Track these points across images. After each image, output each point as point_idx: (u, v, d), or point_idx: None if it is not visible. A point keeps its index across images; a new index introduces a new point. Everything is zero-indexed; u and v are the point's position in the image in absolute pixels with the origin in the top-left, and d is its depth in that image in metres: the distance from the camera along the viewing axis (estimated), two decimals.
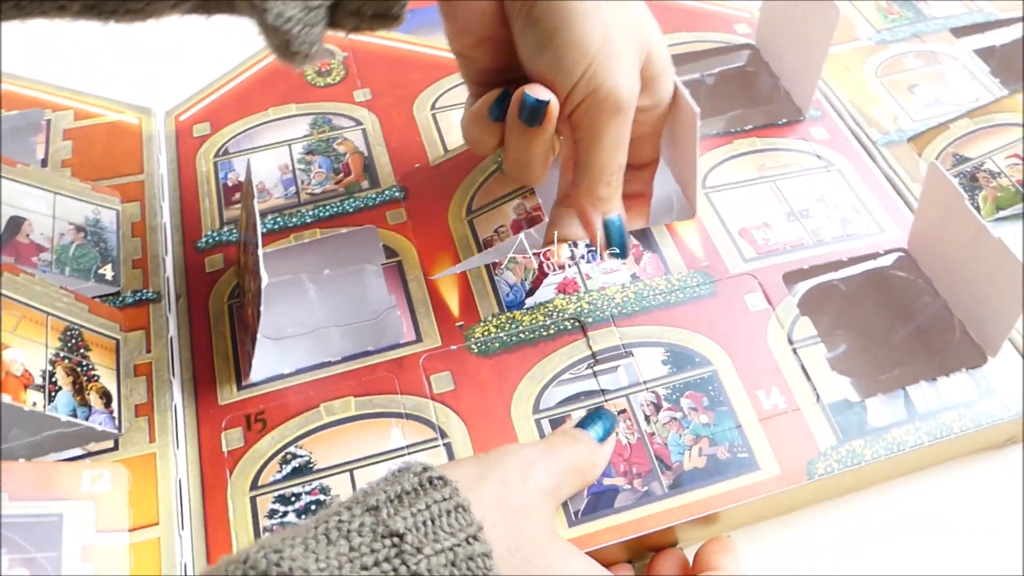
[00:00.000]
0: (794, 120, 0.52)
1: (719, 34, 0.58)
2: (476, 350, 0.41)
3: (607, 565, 0.35)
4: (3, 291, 0.36)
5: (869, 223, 0.47)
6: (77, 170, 0.48)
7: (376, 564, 0.24)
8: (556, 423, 0.39)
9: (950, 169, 0.50)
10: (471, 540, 0.26)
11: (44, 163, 0.48)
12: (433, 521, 0.26)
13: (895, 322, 0.45)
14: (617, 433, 0.38)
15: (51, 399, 0.36)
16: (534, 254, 0.44)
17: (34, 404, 0.35)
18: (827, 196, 0.48)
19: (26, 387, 0.35)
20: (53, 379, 0.36)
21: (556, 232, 0.43)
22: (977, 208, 0.47)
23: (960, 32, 0.58)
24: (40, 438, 0.39)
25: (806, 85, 0.52)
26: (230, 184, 0.48)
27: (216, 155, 0.50)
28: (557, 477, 0.33)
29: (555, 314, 0.43)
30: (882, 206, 0.48)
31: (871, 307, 0.46)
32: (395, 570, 0.25)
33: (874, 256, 0.46)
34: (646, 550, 0.38)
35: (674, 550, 0.38)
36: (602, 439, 0.37)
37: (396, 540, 0.25)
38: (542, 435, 0.39)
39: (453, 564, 0.25)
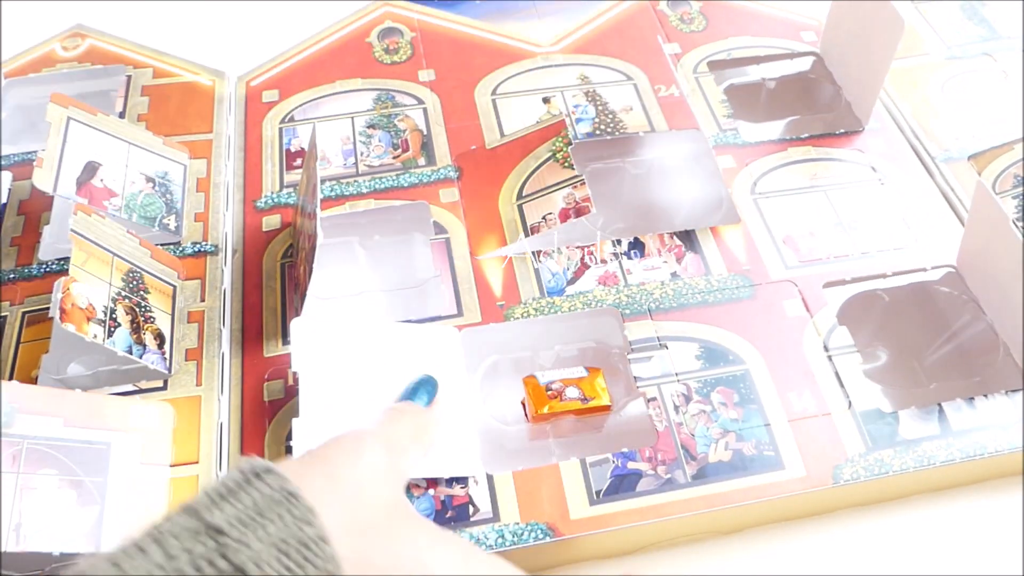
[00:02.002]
0: (853, 131, 0.52)
1: (785, 40, 0.57)
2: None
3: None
4: (76, 228, 0.38)
5: (919, 238, 0.47)
6: (151, 125, 0.50)
7: (193, 564, 0.22)
8: None
9: (1011, 190, 0.49)
10: (302, 526, 0.24)
11: (122, 116, 0.51)
12: (261, 514, 0.24)
13: (937, 337, 0.45)
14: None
15: (110, 334, 0.38)
16: (578, 247, 0.45)
17: (95, 336, 0.37)
18: (878, 209, 0.48)
19: (89, 320, 0.37)
20: (114, 315, 0.38)
21: None
22: None
23: None
24: (97, 372, 0.41)
25: (868, 95, 0.51)
26: (292, 150, 0.50)
27: (282, 121, 0.52)
28: (392, 450, 0.31)
29: (594, 304, 0.43)
30: (934, 223, 0.47)
31: (914, 320, 0.45)
32: (214, 566, 0.22)
33: (921, 270, 0.46)
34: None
35: None
36: (428, 404, 0.36)
37: (216, 535, 0.23)
38: None
39: (285, 553, 0.23)
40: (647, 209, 0.49)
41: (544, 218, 0.45)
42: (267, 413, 0.40)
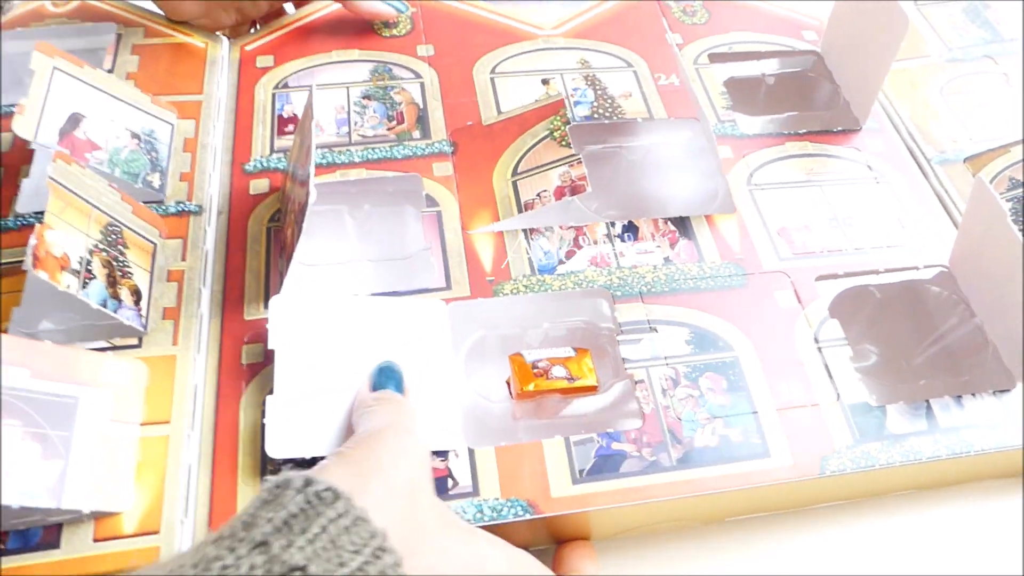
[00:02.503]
0: (850, 129, 0.52)
1: (786, 38, 0.57)
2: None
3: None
4: (53, 176, 0.37)
5: (912, 237, 0.46)
6: (140, 83, 0.49)
7: None
8: None
9: (1004, 193, 0.49)
10: (378, 553, 0.23)
11: (110, 73, 0.50)
12: (334, 543, 0.23)
13: (926, 336, 0.45)
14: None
15: (84, 285, 0.37)
16: (572, 226, 0.44)
17: (68, 287, 0.36)
18: (873, 207, 0.48)
19: (63, 269, 0.36)
20: (89, 267, 0.37)
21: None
22: None
23: None
24: (69, 327, 0.40)
25: (867, 94, 0.51)
26: (285, 116, 0.49)
27: (276, 87, 0.51)
28: (421, 445, 0.30)
29: (584, 284, 0.43)
30: (928, 223, 0.47)
31: (904, 318, 0.45)
32: None
33: (913, 268, 0.45)
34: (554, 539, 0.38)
35: (583, 542, 0.38)
36: (402, 392, 0.35)
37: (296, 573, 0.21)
38: None
39: None
40: (643, 195, 0.48)
41: (539, 195, 0.44)
42: (244, 376, 0.39)
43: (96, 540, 0.34)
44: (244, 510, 0.24)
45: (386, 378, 0.35)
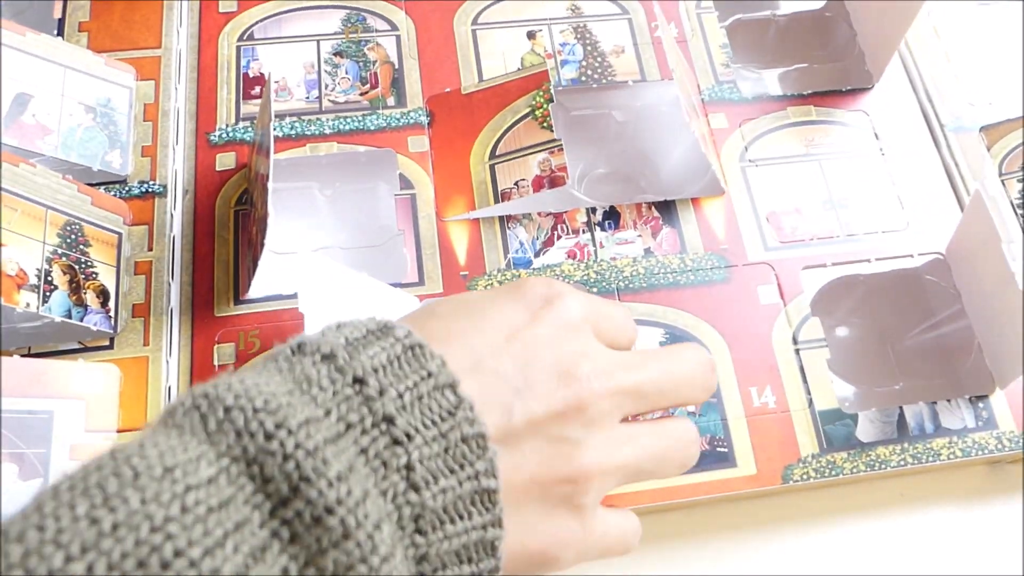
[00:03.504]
0: (861, 88, 0.48)
1: None
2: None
3: None
4: (1, 184, 0.35)
5: (911, 220, 0.44)
6: (93, 37, 0.46)
7: (349, 412, 0.22)
8: None
9: (1018, 171, 0.46)
10: (434, 374, 0.24)
11: (60, 25, 0.46)
12: (392, 363, 0.23)
13: (915, 325, 0.44)
14: None
15: (45, 299, 0.36)
16: (551, 213, 0.42)
17: (27, 305, 0.35)
18: (873, 184, 0.45)
19: (20, 287, 0.35)
20: (49, 278, 0.36)
21: None
22: None
23: None
24: (40, 326, 0.39)
25: (886, 47, 0.47)
26: (251, 75, 0.46)
27: (240, 39, 0.47)
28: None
29: (561, 279, 0.41)
30: (932, 201, 0.45)
31: (893, 305, 0.44)
32: (363, 419, 0.22)
33: (907, 257, 0.44)
34: None
35: None
36: None
37: (359, 386, 0.22)
38: None
39: (421, 402, 0.23)
40: (628, 165, 0.45)
41: (516, 184, 0.42)
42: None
43: None
44: (357, 332, 0.25)
45: None
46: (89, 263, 0.39)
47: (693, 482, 0.38)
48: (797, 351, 0.41)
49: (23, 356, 0.37)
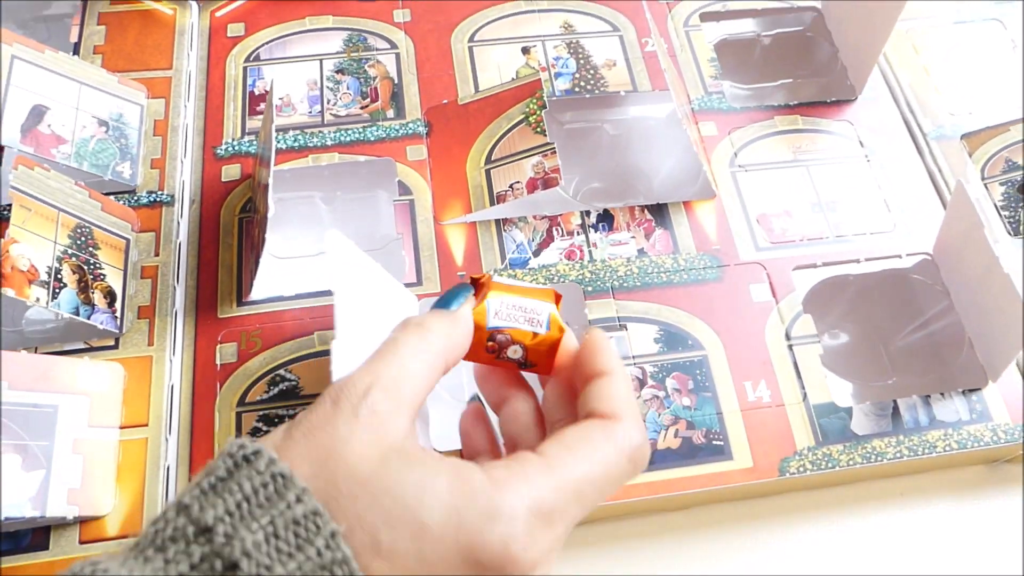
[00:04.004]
0: (845, 99, 0.50)
1: None
2: None
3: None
4: (16, 184, 0.37)
5: (898, 222, 0.45)
6: (108, 59, 0.48)
7: (192, 568, 0.22)
8: None
9: (1000, 175, 0.47)
10: (292, 505, 0.23)
11: (76, 47, 0.48)
12: (248, 500, 0.23)
13: (906, 324, 0.44)
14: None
15: (55, 295, 0.37)
16: (546, 216, 0.44)
17: (37, 300, 0.36)
18: (860, 188, 0.46)
19: (31, 282, 0.36)
20: (59, 276, 0.38)
21: None
22: (1018, 221, 0.45)
23: None
24: (48, 328, 0.40)
25: (865, 61, 0.49)
26: (256, 92, 0.48)
27: (247, 60, 0.49)
28: (392, 380, 0.27)
29: (557, 279, 0.42)
30: (917, 205, 0.46)
31: (884, 305, 0.45)
32: (212, 568, 0.22)
33: (895, 257, 0.44)
34: None
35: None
36: (453, 306, 0.30)
37: (207, 536, 0.23)
38: None
39: (275, 536, 0.23)
40: (621, 177, 0.47)
41: (511, 187, 0.44)
42: (219, 377, 0.40)
43: (82, 542, 0.36)
44: (216, 473, 0.25)
45: (442, 300, 0.31)
46: (98, 265, 0.40)
47: (690, 475, 0.38)
48: (790, 347, 0.41)
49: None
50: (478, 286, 0.31)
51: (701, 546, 0.40)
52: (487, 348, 0.31)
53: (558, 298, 0.31)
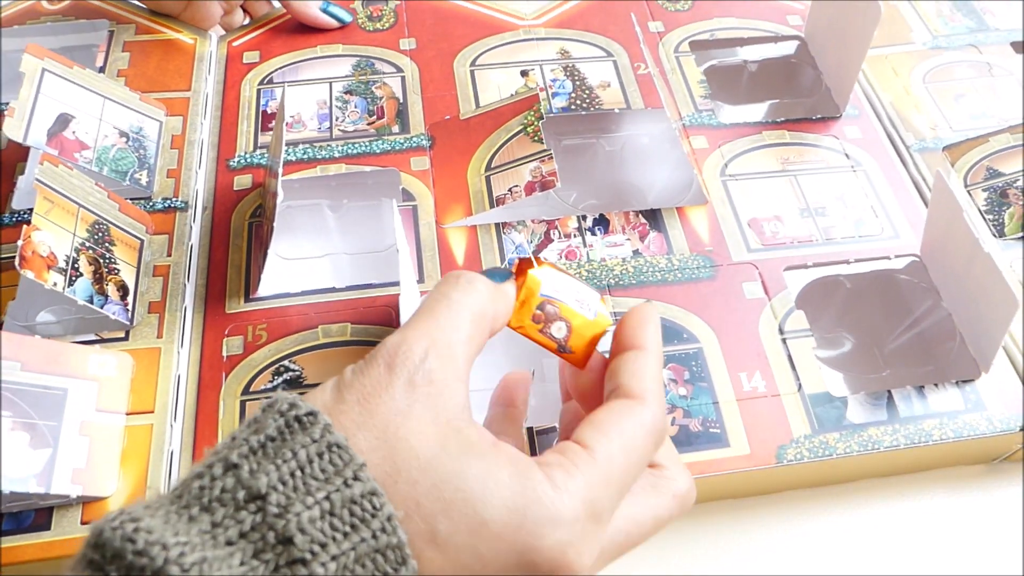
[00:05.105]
0: (830, 117, 0.52)
1: (771, 24, 0.57)
2: None
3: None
4: (40, 178, 0.39)
5: (885, 227, 0.47)
6: (130, 81, 0.51)
7: (242, 536, 0.21)
8: None
9: (982, 182, 0.49)
10: (349, 482, 0.22)
11: (102, 71, 0.51)
12: (303, 470, 0.22)
13: (897, 324, 0.45)
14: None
15: (71, 283, 0.39)
16: (544, 220, 0.45)
17: (54, 284, 0.38)
18: (847, 196, 0.48)
19: (49, 268, 0.38)
20: (76, 265, 0.39)
21: None
22: (1002, 224, 0.47)
23: (1022, 47, 0.56)
24: (63, 320, 0.42)
25: (846, 82, 0.51)
26: (269, 111, 0.51)
27: (261, 83, 0.52)
28: (447, 344, 0.26)
29: None
30: (903, 212, 0.47)
31: (875, 306, 0.46)
32: (263, 539, 0.21)
33: (884, 258, 0.46)
34: None
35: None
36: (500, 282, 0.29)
37: (259, 503, 0.22)
38: None
39: (331, 513, 0.22)
40: (616, 187, 0.49)
41: (510, 190, 0.45)
42: (224, 368, 0.41)
43: (84, 523, 0.36)
44: (238, 427, 0.24)
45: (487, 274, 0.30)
46: (113, 260, 0.41)
47: (688, 462, 0.38)
48: (784, 340, 0.42)
49: None
50: (525, 265, 0.30)
51: (701, 546, 0.40)
52: (533, 317, 0.30)
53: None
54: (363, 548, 0.22)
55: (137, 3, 0.55)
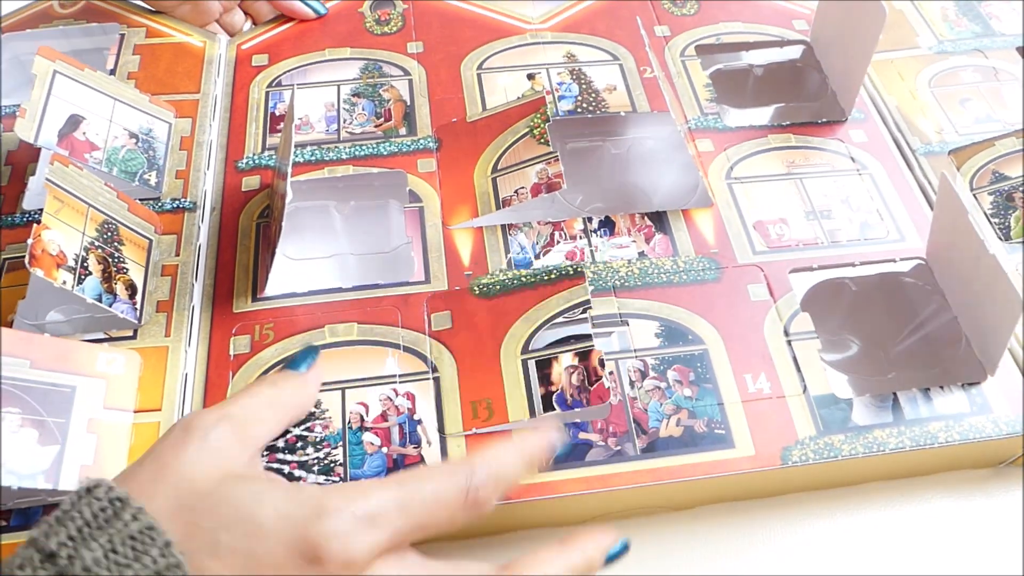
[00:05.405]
0: (836, 120, 0.52)
1: (776, 28, 0.57)
2: (477, 292, 0.43)
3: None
4: (50, 178, 0.39)
5: (891, 230, 0.47)
6: (140, 83, 0.51)
7: None
8: (542, 364, 0.40)
9: (988, 186, 0.49)
10: (128, 523, 0.26)
11: (112, 73, 0.52)
12: (88, 524, 0.26)
13: (902, 327, 0.45)
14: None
15: (80, 281, 0.39)
16: (549, 222, 0.46)
17: (64, 283, 0.38)
18: (852, 199, 0.48)
19: (58, 266, 0.38)
20: (85, 264, 0.39)
21: None
22: (1008, 228, 0.47)
23: None
24: (72, 319, 0.42)
25: (851, 86, 0.51)
26: (278, 113, 0.51)
27: (269, 85, 0.53)
28: (236, 422, 0.31)
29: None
30: (909, 215, 0.47)
31: (880, 309, 0.46)
32: None
33: (890, 261, 0.46)
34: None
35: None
36: (305, 369, 0.36)
37: (52, 560, 0.25)
38: (527, 375, 0.40)
39: (114, 551, 0.25)
40: (622, 189, 0.49)
41: (516, 192, 0.46)
42: (231, 367, 0.41)
43: None
44: (61, 509, 0.27)
45: (292, 361, 0.36)
46: (121, 259, 0.42)
47: (692, 462, 0.38)
48: (789, 342, 0.42)
49: None
50: None
51: (704, 548, 0.40)
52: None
53: None
54: (145, 572, 0.25)
55: (140, 2, 0.56)
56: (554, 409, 0.38)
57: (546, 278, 0.43)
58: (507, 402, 0.40)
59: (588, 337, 0.41)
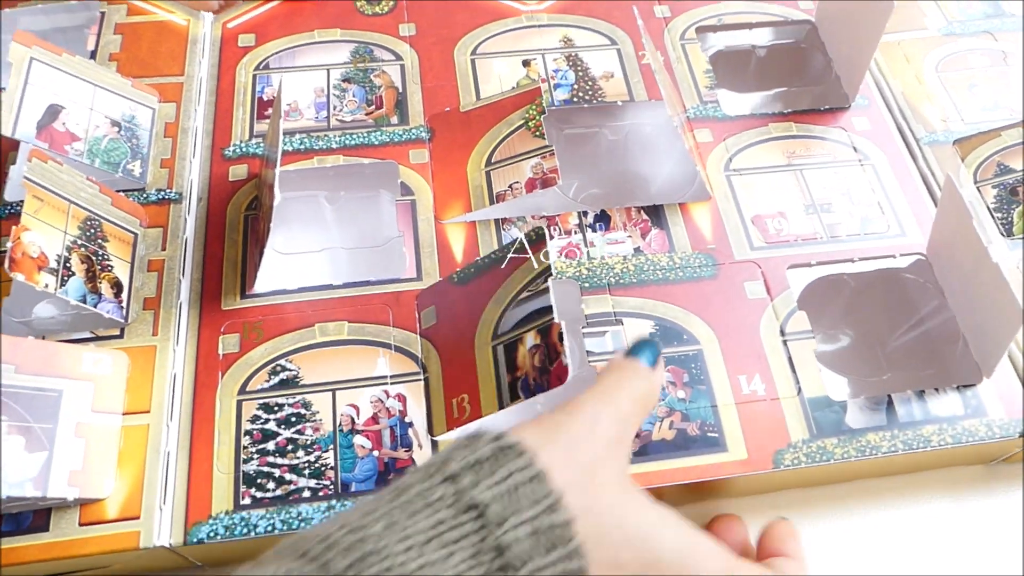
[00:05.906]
0: (839, 107, 0.51)
1: (781, 6, 0.56)
2: (456, 280, 0.42)
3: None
4: (29, 175, 0.38)
5: (892, 224, 0.46)
6: (122, 65, 0.50)
7: (461, 539, 0.24)
8: (510, 349, 0.39)
9: (992, 178, 0.48)
10: (551, 509, 0.26)
11: (93, 55, 0.50)
12: (515, 490, 0.25)
13: (901, 324, 0.45)
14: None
15: (63, 283, 0.38)
16: (544, 216, 0.44)
17: (46, 286, 0.37)
18: (854, 191, 0.47)
19: (40, 269, 0.37)
20: (67, 264, 0.39)
21: None
22: (1011, 222, 0.46)
23: None
24: (61, 316, 0.41)
25: (856, 70, 0.50)
26: (265, 98, 0.50)
27: (256, 68, 0.51)
28: (622, 419, 0.30)
29: (554, 275, 0.43)
30: (911, 208, 0.47)
31: (879, 306, 0.45)
32: (479, 545, 0.24)
33: (887, 257, 0.45)
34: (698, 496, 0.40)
35: (736, 518, 0.38)
36: (652, 364, 0.33)
37: (478, 513, 0.25)
38: (496, 364, 0.39)
39: (536, 535, 0.25)
40: (618, 181, 0.48)
41: (511, 187, 0.45)
42: (220, 367, 0.40)
43: (82, 524, 0.36)
44: (442, 451, 0.27)
45: (637, 348, 0.33)
46: (106, 256, 0.41)
47: (684, 466, 0.38)
48: (785, 342, 0.42)
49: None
50: None
51: None
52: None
53: None
54: (553, 569, 0.25)
55: None
56: (519, 398, 0.37)
57: (515, 249, 0.42)
58: (480, 395, 0.39)
59: (549, 310, 0.39)
